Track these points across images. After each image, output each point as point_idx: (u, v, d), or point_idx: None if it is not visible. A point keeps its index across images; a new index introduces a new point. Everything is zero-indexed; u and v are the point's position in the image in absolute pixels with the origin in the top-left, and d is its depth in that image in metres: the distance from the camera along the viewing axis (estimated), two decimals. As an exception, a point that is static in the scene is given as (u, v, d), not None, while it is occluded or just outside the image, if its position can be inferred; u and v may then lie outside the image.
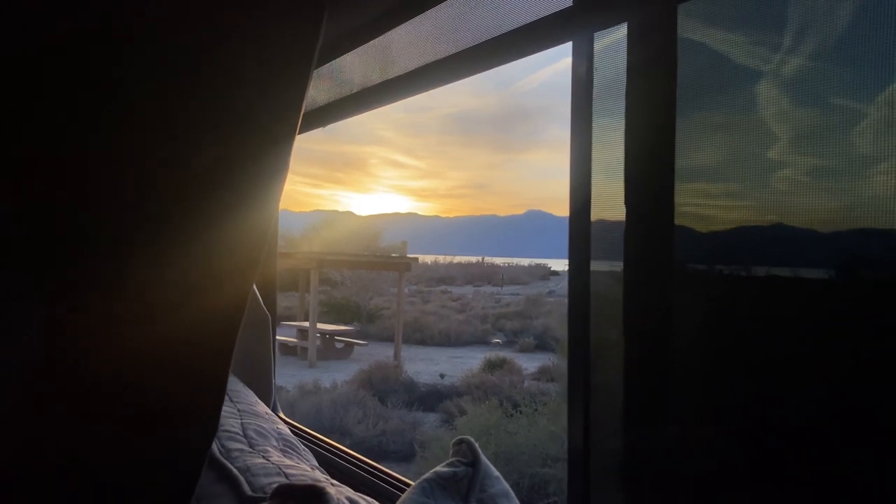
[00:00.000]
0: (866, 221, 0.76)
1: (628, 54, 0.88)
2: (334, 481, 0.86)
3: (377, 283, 22.93)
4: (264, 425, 0.92)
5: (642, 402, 0.82)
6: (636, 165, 0.87)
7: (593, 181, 0.97)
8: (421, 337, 18.74)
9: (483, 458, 0.82)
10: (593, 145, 0.96)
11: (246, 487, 0.78)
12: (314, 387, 10.65)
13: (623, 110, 0.89)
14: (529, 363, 13.51)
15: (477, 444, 0.85)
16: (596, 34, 0.93)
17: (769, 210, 0.85)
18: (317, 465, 0.99)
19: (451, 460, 0.83)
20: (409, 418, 9.19)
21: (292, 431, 1.07)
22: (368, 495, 0.81)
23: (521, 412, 7.26)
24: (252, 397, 1.03)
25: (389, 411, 9.37)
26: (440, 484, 0.77)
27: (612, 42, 0.93)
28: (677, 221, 0.91)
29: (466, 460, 0.81)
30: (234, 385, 1.05)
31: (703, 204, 0.91)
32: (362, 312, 21.76)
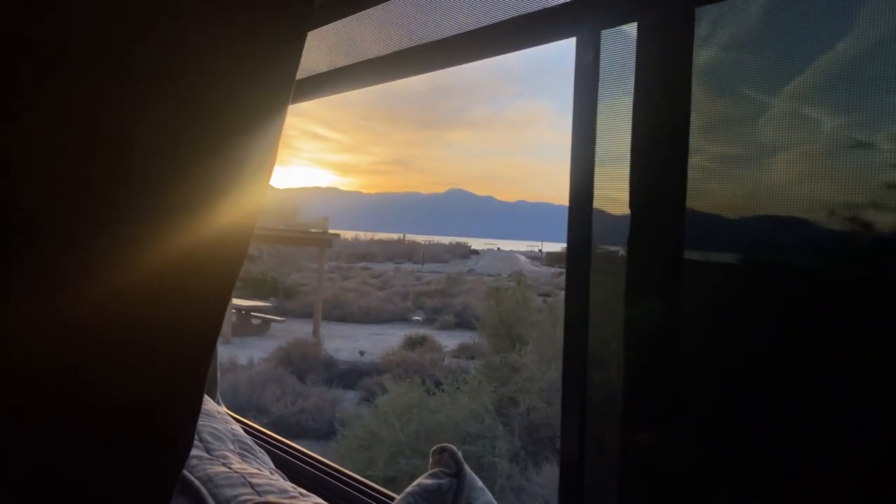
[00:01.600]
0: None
1: (637, 52, 0.85)
2: (302, 490, 0.82)
3: (295, 259, 22.47)
4: (218, 426, 0.85)
5: (643, 403, 0.81)
6: (642, 168, 0.85)
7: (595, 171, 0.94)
8: (341, 314, 18.57)
9: (467, 468, 0.80)
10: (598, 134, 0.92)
11: (210, 501, 0.72)
12: (230, 364, 10.35)
13: (623, 104, 0.87)
14: (450, 340, 13.66)
15: (460, 453, 0.83)
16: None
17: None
18: (274, 467, 0.93)
19: (433, 471, 0.80)
20: (328, 396, 9.11)
21: (244, 430, 1.00)
22: None
23: (442, 390, 7.32)
24: (201, 394, 0.95)
25: (308, 389, 9.26)
26: (425, 497, 0.74)
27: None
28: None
29: (450, 471, 0.78)
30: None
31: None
32: (280, 288, 21.28)
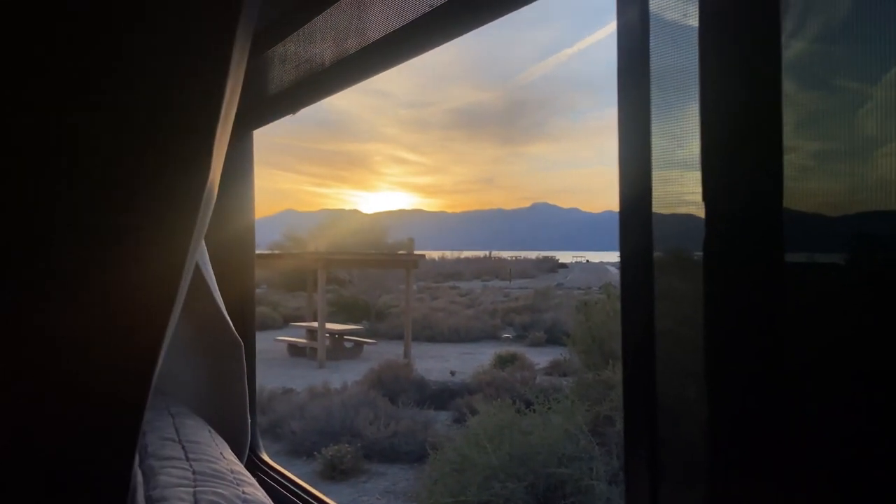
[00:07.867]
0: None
1: (701, 14, 0.67)
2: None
3: (385, 281, 22.82)
4: (224, 492, 0.72)
5: (737, 453, 0.62)
6: (716, 157, 0.65)
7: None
8: (430, 334, 18.63)
9: None
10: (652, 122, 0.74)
11: None
12: (324, 388, 10.54)
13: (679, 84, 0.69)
14: (540, 357, 13.37)
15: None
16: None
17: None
18: None
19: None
20: (420, 418, 9.04)
21: (274, 481, 0.89)
22: None
23: (534, 410, 7.08)
24: (215, 449, 0.83)
25: (400, 411, 9.23)
26: None
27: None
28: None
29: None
30: (194, 434, 0.86)
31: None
32: (371, 311, 21.67)
